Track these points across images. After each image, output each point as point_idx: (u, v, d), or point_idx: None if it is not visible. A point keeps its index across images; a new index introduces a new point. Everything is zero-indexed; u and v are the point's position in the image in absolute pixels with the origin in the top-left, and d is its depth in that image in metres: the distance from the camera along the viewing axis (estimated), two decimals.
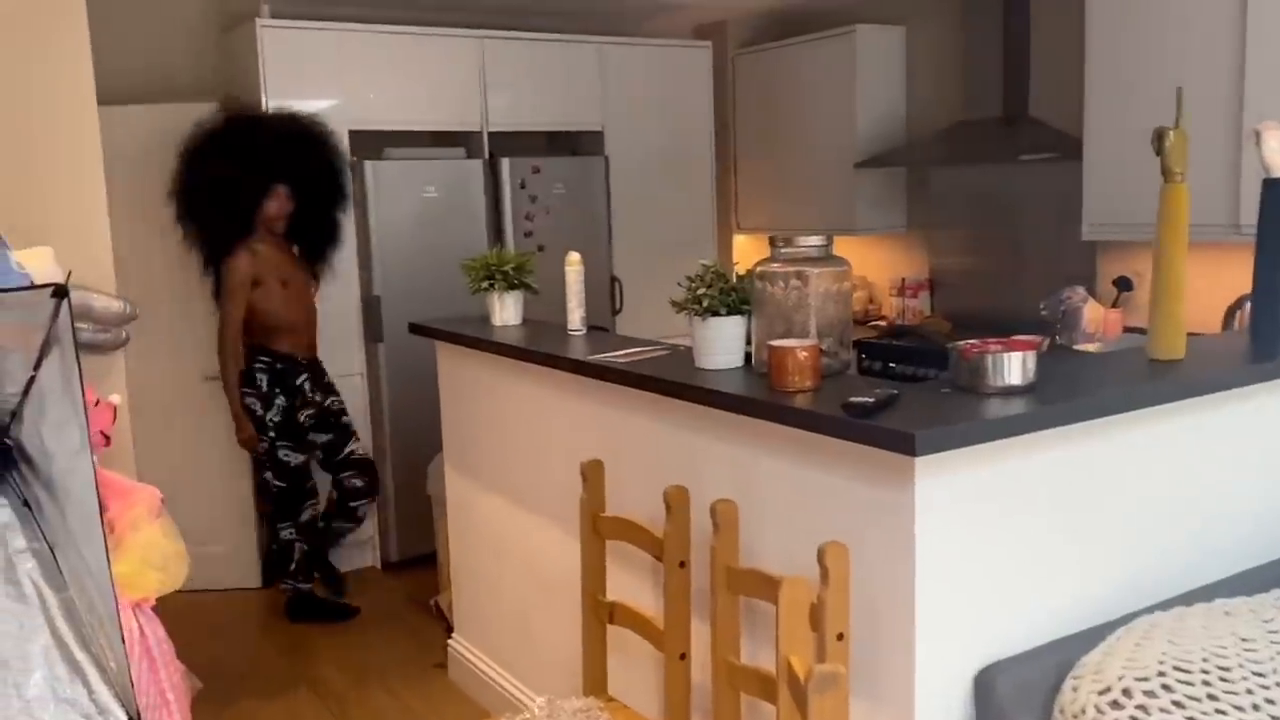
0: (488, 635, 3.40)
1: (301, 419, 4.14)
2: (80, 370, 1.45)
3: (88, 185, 3.03)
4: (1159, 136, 2.15)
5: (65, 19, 2.95)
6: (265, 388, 4.07)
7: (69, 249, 2.67)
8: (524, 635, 3.16)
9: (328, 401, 4.24)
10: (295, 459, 4.12)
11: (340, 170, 4.32)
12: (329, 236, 4.37)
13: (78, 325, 2.52)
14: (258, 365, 4.08)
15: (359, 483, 4.25)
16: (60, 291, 1.42)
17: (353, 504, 4.28)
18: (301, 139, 4.19)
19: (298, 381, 4.15)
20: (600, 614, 2.42)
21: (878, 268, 5.26)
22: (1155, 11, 3.66)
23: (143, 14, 4.58)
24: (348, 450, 4.26)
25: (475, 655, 3.46)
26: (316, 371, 4.26)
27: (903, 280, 5.10)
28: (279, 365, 4.11)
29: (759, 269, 2.23)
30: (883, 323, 5.07)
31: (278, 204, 4.08)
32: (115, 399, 2.66)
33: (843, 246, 2.28)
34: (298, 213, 4.18)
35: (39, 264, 2.36)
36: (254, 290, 4.04)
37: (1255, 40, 3.39)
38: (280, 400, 4.09)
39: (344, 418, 4.30)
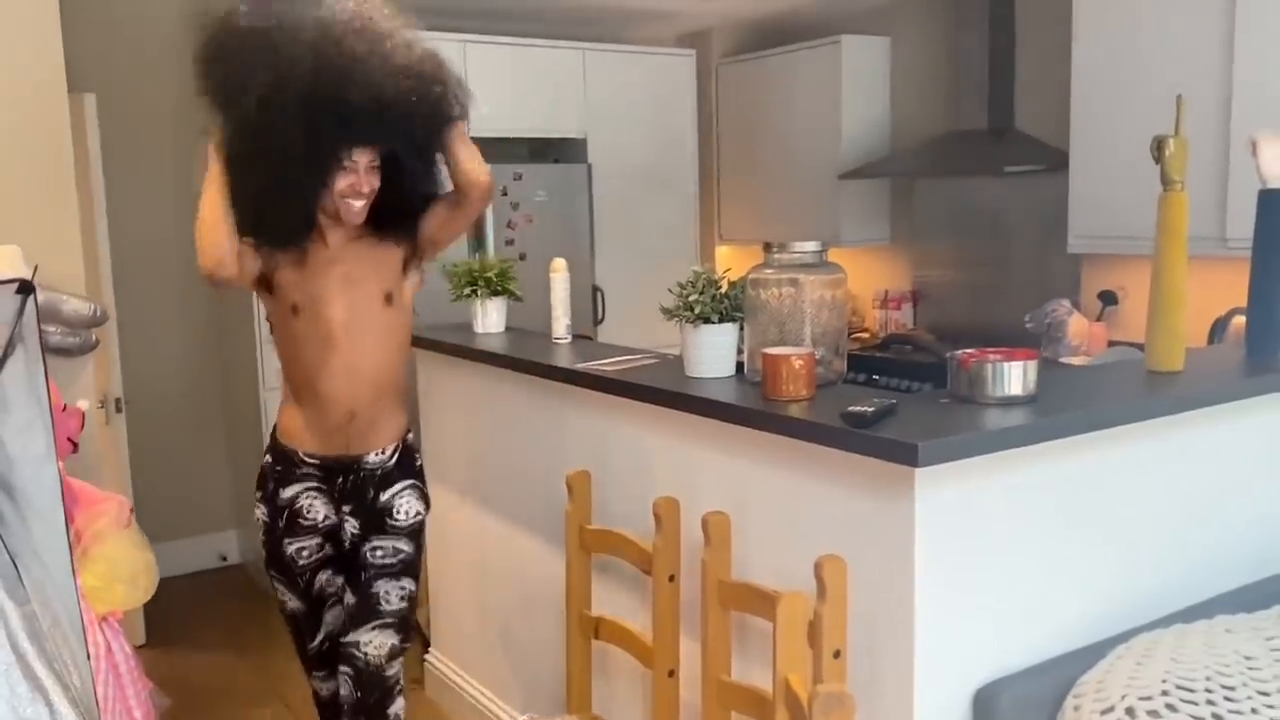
0: (467, 650, 3.32)
1: (291, 551, 2.45)
2: (47, 372, 1.37)
3: (57, 184, 2.94)
4: (1159, 145, 2.12)
5: (35, 9, 2.86)
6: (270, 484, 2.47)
7: (37, 249, 2.59)
8: (505, 650, 3.08)
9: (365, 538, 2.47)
10: (292, 603, 2.52)
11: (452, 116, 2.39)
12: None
13: (46, 328, 2.44)
14: (269, 452, 2.50)
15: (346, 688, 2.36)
16: (25, 287, 1.34)
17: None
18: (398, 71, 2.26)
19: (305, 495, 2.43)
20: (585, 629, 2.35)
21: (861, 280, 5.22)
22: (1141, 24, 3.65)
23: (118, 10, 4.49)
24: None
25: (453, 671, 3.38)
26: (359, 481, 2.44)
27: (886, 293, 5.07)
28: (278, 465, 2.46)
29: (753, 275, 2.18)
30: (865, 335, 5.03)
31: (354, 182, 2.26)
32: (84, 404, 2.57)
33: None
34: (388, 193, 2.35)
35: (5, 263, 2.27)
36: (269, 301, 2.39)
37: (1242, 53, 3.38)
38: (263, 509, 2.48)
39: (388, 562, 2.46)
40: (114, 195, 4.26)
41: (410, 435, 2.53)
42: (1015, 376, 1.86)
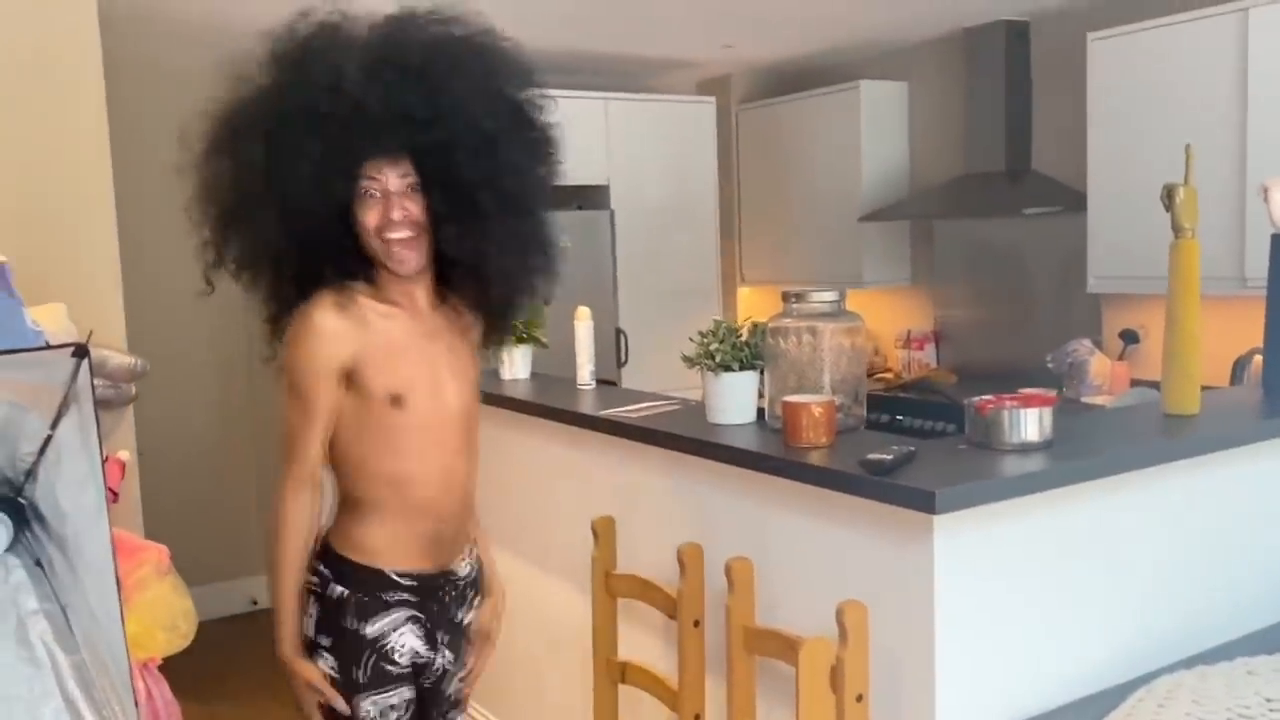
0: (497, 695, 3.36)
1: (374, 714, 1.89)
2: (99, 430, 1.45)
3: (101, 242, 3.04)
4: (1169, 193, 2.16)
5: (81, 75, 2.98)
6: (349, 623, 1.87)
7: (81, 305, 2.68)
8: (534, 695, 3.11)
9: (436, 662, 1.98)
10: None
11: (546, 141, 1.95)
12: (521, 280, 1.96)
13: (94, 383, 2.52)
14: (334, 578, 1.88)
15: None
16: (81, 351, 1.42)
17: None
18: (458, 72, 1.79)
19: (397, 630, 1.89)
20: (612, 674, 2.39)
21: (883, 320, 5.26)
22: (1156, 68, 3.71)
23: (154, 76, 4.63)
24: None
25: (484, 715, 3.41)
26: (452, 598, 2.00)
27: (908, 333, 5.11)
28: (369, 594, 1.88)
29: (772, 324, 2.24)
30: (889, 375, 5.06)
31: (400, 211, 1.77)
32: (124, 455, 2.65)
33: (849, 299, 2.29)
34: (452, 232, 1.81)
35: (52, 321, 2.36)
36: (350, 398, 1.82)
37: (1257, 95, 3.43)
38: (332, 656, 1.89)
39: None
40: (128, 231, 4.37)
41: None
42: (1031, 423, 1.89)
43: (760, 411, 2.29)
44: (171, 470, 4.54)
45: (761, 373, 2.27)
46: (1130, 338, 4.12)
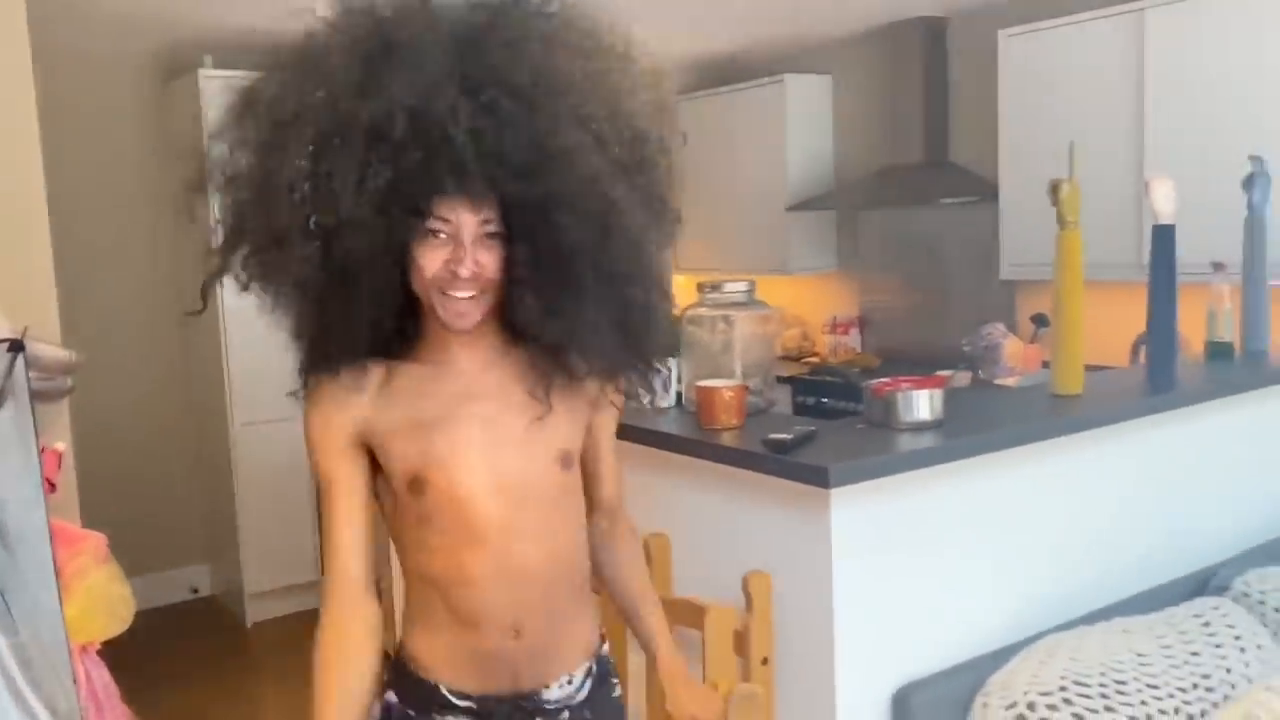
0: None
1: None
2: (35, 422, 1.52)
3: (33, 236, 3.07)
4: (1054, 188, 2.32)
5: (9, 66, 3.00)
6: None
7: (14, 300, 2.71)
8: None
9: None
10: None
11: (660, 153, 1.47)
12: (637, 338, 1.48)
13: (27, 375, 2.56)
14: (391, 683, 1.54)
15: None
16: (16, 346, 1.49)
17: None
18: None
19: None
20: None
21: (811, 306, 5.42)
22: (1061, 64, 3.89)
23: (86, 67, 4.62)
24: None
25: None
26: None
27: (834, 318, 5.27)
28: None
29: (688, 314, 2.36)
30: (816, 359, 5.23)
31: (471, 266, 1.34)
32: (60, 446, 2.70)
33: (776, 286, 2.42)
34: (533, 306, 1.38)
35: None
36: (380, 480, 1.48)
37: (1152, 92, 3.62)
38: None
39: None
40: (61, 222, 4.38)
41: (606, 647, 1.59)
42: (923, 403, 2.04)
43: (679, 395, 2.41)
44: (109, 461, 4.55)
45: (678, 360, 2.39)
46: (1041, 321, 4.31)
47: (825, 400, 4.46)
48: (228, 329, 4.43)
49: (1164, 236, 2.49)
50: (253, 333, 5.10)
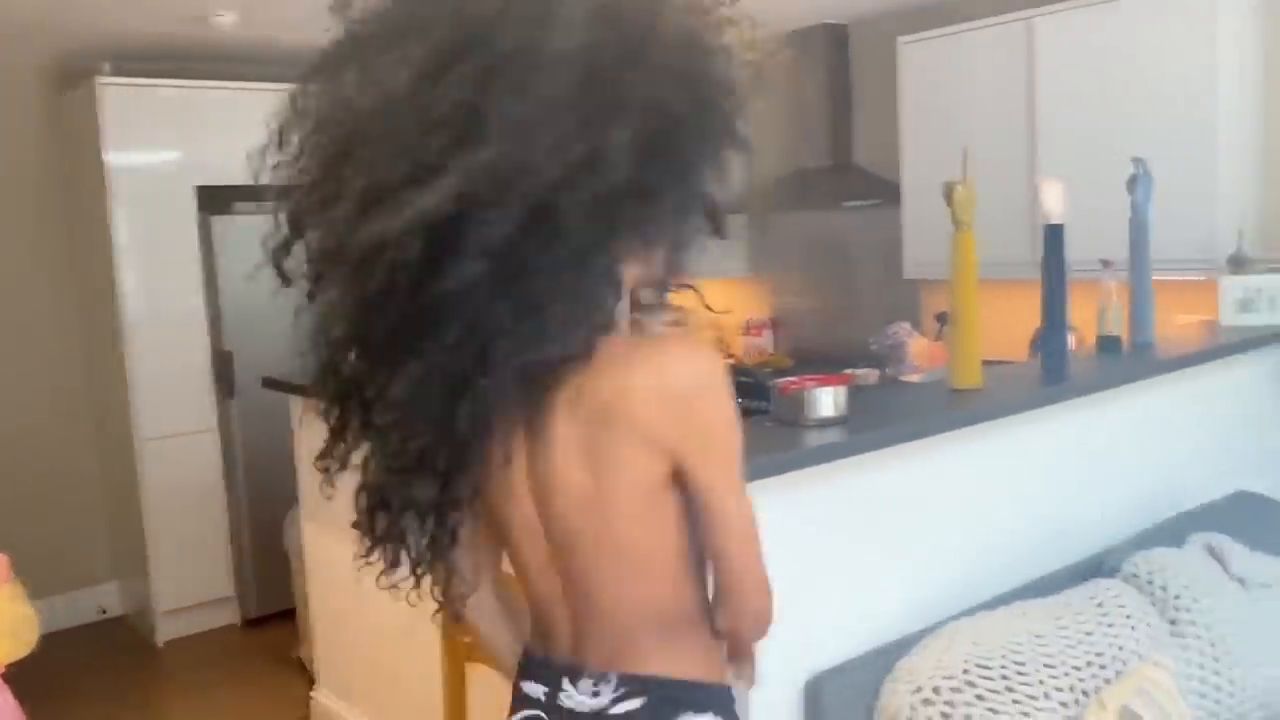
0: (350, 684, 3.43)
1: None
2: None
3: None
4: (949, 190, 2.41)
5: None
6: None
7: None
8: (386, 680, 3.20)
9: None
10: None
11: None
12: None
13: None
14: None
15: None
16: None
17: None
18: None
19: None
20: (457, 654, 2.50)
21: (727, 309, 5.50)
22: (957, 70, 4.02)
23: None
24: None
25: (339, 706, 3.48)
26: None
27: (748, 321, 5.36)
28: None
29: None
30: (731, 361, 5.31)
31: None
32: None
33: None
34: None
35: None
36: None
37: (1042, 96, 3.76)
38: None
39: None
40: None
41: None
42: (827, 400, 2.10)
43: None
44: (9, 480, 4.42)
45: None
46: (945, 319, 4.44)
47: (738, 400, 4.52)
48: (128, 339, 4.32)
49: (1055, 236, 2.59)
50: (155, 343, 5.05)
